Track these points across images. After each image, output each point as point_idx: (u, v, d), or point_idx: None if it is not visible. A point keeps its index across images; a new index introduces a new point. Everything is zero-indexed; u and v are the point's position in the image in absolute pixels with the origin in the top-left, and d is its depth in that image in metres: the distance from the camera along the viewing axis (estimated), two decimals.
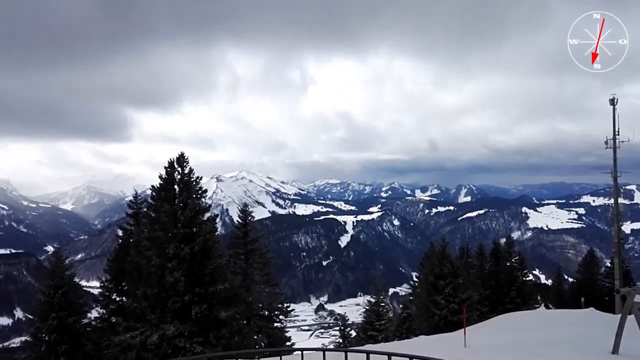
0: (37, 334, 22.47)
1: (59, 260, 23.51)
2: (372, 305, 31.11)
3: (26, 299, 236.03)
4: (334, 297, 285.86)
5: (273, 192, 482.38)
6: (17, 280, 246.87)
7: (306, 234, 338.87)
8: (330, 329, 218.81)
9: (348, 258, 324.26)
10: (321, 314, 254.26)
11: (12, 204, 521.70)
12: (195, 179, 21.43)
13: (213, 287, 19.80)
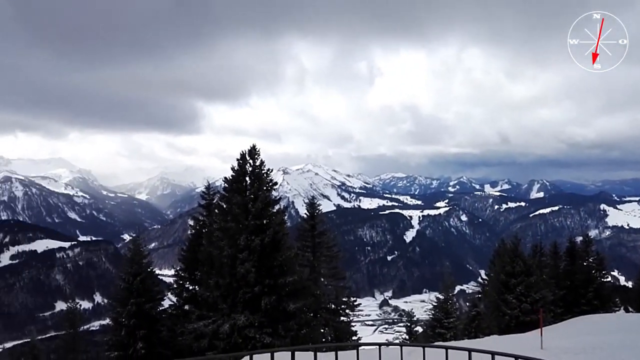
0: (117, 318, 23.59)
1: (137, 249, 24.53)
2: (441, 302, 30.57)
3: (105, 284, 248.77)
4: (398, 292, 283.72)
5: (338, 186, 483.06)
6: (96, 266, 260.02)
7: (371, 228, 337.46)
8: (394, 324, 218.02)
9: (413, 253, 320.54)
10: (385, 309, 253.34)
11: (93, 193, 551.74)
12: (266, 171, 21.70)
13: (282, 279, 20.06)
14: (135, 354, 22.78)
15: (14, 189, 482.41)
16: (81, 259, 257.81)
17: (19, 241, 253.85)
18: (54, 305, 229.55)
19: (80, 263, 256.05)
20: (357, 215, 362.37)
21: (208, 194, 26.66)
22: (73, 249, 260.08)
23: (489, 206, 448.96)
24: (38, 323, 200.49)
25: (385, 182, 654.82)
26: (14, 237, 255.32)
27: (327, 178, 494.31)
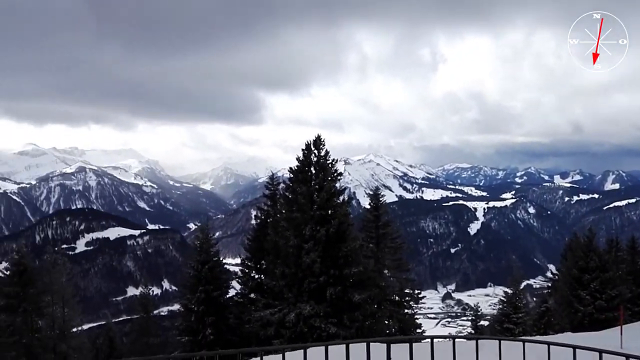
0: (187, 304, 24.63)
1: (205, 238, 25.41)
2: (509, 296, 29.96)
3: (172, 272, 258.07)
4: (461, 286, 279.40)
5: (400, 176, 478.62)
6: (164, 253, 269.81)
7: (434, 220, 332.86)
8: (457, 318, 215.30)
9: (478, 246, 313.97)
10: (448, 302, 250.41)
11: (160, 183, 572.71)
12: (331, 161, 21.88)
13: (347, 270, 20.30)
14: (204, 340, 23.72)
15: (88, 179, 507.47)
16: (150, 247, 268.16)
17: (93, 229, 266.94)
18: (125, 290, 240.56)
19: (149, 250, 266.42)
20: (420, 207, 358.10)
21: (272, 184, 27.18)
22: (142, 237, 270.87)
23: (558, 198, 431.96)
24: (111, 307, 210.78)
25: (448, 172, 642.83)
26: (88, 225, 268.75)
27: (389, 168, 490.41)
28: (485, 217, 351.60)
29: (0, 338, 23.79)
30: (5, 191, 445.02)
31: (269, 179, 27.84)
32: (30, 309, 24.81)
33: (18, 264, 25.00)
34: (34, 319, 25.25)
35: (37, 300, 25.16)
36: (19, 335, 24.61)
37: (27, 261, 25.53)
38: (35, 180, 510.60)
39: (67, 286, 26.91)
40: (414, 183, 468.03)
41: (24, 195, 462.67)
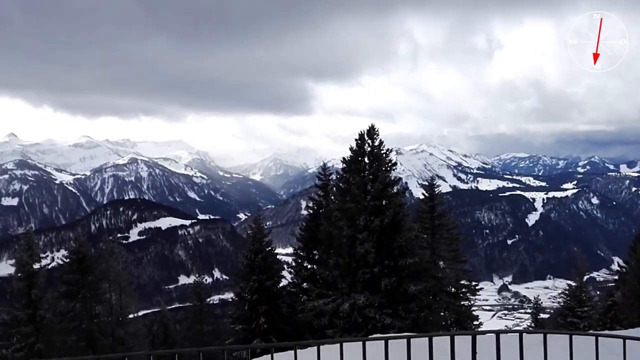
0: (240, 293, 25.17)
1: (259, 227, 25.88)
2: (573, 289, 29.15)
3: (223, 261, 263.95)
4: (519, 278, 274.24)
5: (454, 166, 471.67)
6: (215, 243, 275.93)
7: (489, 211, 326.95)
8: (514, 310, 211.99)
9: (536, 237, 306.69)
10: (504, 294, 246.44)
11: (210, 174, 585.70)
12: (385, 151, 21.86)
13: (402, 261, 20.27)
14: (258, 328, 24.19)
15: (140, 170, 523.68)
16: (201, 236, 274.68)
17: (145, 218, 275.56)
18: (177, 279, 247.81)
19: (200, 240, 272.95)
20: (475, 197, 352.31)
21: (324, 174, 27.34)
22: (193, 227, 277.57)
23: (625, 188, 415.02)
24: (164, 295, 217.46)
25: (505, 162, 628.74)
26: (141, 215, 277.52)
27: (442, 158, 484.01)
28: (545, 208, 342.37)
29: (61, 323, 24.92)
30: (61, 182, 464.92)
31: (320, 169, 28.01)
32: (89, 296, 25.88)
33: (77, 252, 26.08)
34: (92, 305, 26.30)
35: (96, 288, 26.20)
36: (78, 321, 25.73)
37: (86, 249, 26.59)
38: (90, 171, 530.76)
39: (123, 274, 27.96)
40: (468, 173, 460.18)
41: (79, 186, 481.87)
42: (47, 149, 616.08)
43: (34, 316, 23.88)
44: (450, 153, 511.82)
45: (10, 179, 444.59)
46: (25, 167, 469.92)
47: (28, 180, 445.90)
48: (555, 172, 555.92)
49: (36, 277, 24.18)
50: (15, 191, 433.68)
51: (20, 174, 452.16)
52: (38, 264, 25.42)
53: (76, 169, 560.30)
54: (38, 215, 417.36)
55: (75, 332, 25.36)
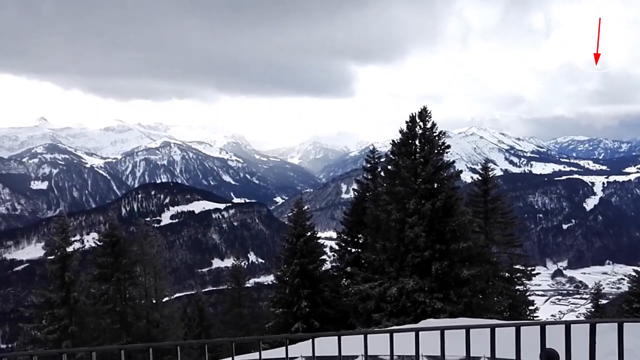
0: (282, 277, 25.45)
1: (300, 211, 26.02)
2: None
3: (258, 245, 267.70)
4: (574, 263, 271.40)
5: (506, 150, 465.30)
6: (250, 227, 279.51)
7: (544, 195, 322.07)
8: (569, 296, 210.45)
9: (595, 222, 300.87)
10: (559, 279, 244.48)
11: (246, 157, 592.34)
12: (438, 133, 21.58)
13: (455, 245, 20.03)
14: (299, 312, 24.41)
15: (173, 154, 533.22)
16: (235, 220, 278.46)
17: (177, 202, 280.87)
18: (211, 262, 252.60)
19: (235, 224, 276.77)
20: (528, 181, 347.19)
21: (373, 157, 27.33)
22: (228, 210, 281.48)
23: None
24: (197, 278, 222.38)
25: (562, 145, 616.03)
26: (173, 199, 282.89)
27: (494, 142, 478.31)
28: (605, 192, 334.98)
29: (95, 306, 25.56)
30: (92, 166, 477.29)
31: (363, 152, 27.86)
32: (122, 279, 26.45)
33: (110, 235, 26.65)
34: (126, 288, 26.87)
35: (130, 270, 26.75)
36: (112, 304, 26.36)
37: (119, 232, 27.13)
38: (121, 155, 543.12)
39: (158, 257, 28.42)
40: (521, 157, 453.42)
41: (109, 169, 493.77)
42: (78, 132, 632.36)
43: (68, 298, 24.54)
44: (502, 136, 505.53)
45: (40, 163, 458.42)
46: (56, 151, 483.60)
47: (58, 164, 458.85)
48: (617, 155, 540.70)
49: (70, 259, 24.80)
50: (45, 175, 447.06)
51: (50, 158, 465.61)
52: (71, 246, 26.06)
53: (107, 152, 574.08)
54: (68, 198, 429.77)
55: (109, 315, 25.97)
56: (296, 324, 24.28)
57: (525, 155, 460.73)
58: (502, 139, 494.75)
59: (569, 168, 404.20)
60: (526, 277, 28.08)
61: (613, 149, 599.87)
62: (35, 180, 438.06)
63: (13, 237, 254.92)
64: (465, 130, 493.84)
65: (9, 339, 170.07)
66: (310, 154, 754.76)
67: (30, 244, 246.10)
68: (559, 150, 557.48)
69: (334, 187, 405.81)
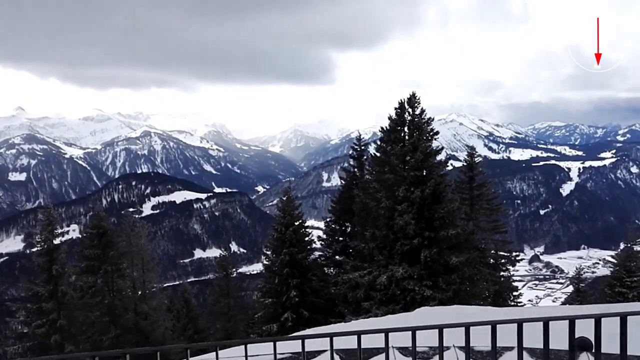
0: (271, 267, 25.41)
1: (289, 200, 25.97)
2: (622, 259, 28.87)
3: (240, 234, 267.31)
4: (551, 248, 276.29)
5: (485, 136, 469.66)
6: (232, 216, 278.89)
7: (522, 181, 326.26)
8: (546, 281, 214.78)
9: (571, 207, 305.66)
10: (536, 265, 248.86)
11: (227, 146, 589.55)
12: (427, 120, 21.62)
13: (444, 232, 20.15)
14: (288, 302, 24.40)
15: (153, 143, 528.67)
16: (217, 210, 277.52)
17: (158, 192, 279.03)
18: (192, 253, 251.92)
19: (217, 214, 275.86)
20: (507, 167, 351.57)
21: (359, 145, 27.29)
22: (209, 200, 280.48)
23: None
24: (179, 269, 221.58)
25: (539, 131, 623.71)
26: (154, 189, 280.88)
27: (473, 128, 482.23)
28: (581, 178, 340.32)
29: (83, 299, 25.33)
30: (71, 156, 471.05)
31: (355, 140, 27.89)
32: (110, 271, 26.21)
33: (97, 227, 26.32)
34: (114, 280, 26.65)
35: (117, 262, 26.50)
36: (101, 296, 26.14)
37: (106, 224, 26.82)
38: (101, 145, 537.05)
39: (145, 248, 28.20)
40: (500, 143, 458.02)
41: (89, 160, 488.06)
42: (56, 122, 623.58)
43: (55, 292, 24.29)
44: (482, 122, 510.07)
45: (18, 154, 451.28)
46: (34, 141, 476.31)
47: (36, 154, 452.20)
48: (593, 141, 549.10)
49: (57, 252, 24.53)
50: (23, 166, 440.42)
51: (28, 149, 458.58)
52: (58, 239, 25.75)
53: (86, 142, 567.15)
54: (47, 190, 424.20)
55: (97, 308, 25.75)
56: (285, 314, 24.28)
57: (504, 141, 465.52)
58: (482, 126, 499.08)
59: (546, 154, 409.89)
60: (510, 263, 28.42)
61: (589, 134, 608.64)
62: (13, 172, 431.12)
63: None
64: (445, 117, 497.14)
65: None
66: (292, 143, 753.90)
67: (9, 237, 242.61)
68: (536, 136, 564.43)
69: (315, 175, 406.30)
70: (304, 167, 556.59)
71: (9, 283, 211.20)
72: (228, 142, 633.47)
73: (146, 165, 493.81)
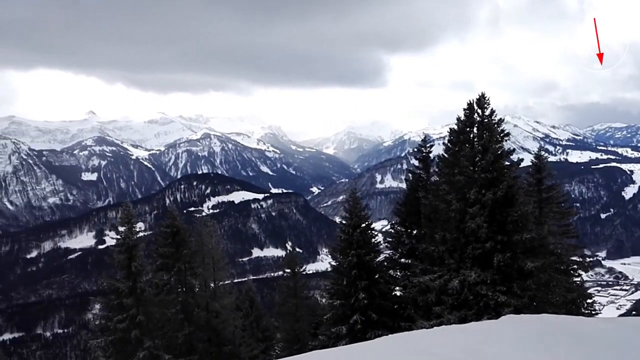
0: (338, 268, 25.27)
1: (355, 201, 25.73)
2: None
3: (296, 234, 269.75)
4: (613, 253, 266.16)
5: (541, 138, 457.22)
6: (288, 217, 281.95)
7: (580, 183, 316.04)
8: (609, 287, 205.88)
9: (634, 211, 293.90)
10: (597, 270, 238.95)
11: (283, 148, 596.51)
12: (497, 121, 21.11)
13: (518, 236, 19.54)
14: (357, 304, 24.19)
15: (213, 145, 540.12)
16: (273, 210, 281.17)
17: (218, 192, 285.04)
18: (250, 251, 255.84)
19: (273, 214, 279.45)
20: (564, 170, 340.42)
21: (425, 146, 26.81)
22: (266, 201, 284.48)
23: None
24: (237, 267, 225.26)
25: (598, 133, 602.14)
26: (214, 189, 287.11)
27: (528, 130, 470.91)
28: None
29: (158, 296, 25.88)
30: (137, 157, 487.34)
31: (421, 141, 27.45)
32: (183, 269, 26.73)
33: (171, 226, 26.88)
34: (186, 278, 27.15)
35: (190, 260, 26.97)
36: (175, 294, 26.69)
37: (180, 223, 27.35)
38: (164, 146, 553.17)
39: (216, 247, 28.64)
40: (557, 145, 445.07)
41: (154, 161, 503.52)
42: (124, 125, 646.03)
43: (135, 288, 24.89)
44: (537, 124, 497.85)
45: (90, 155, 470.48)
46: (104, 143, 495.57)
47: (106, 156, 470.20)
48: None
49: (136, 249, 25.14)
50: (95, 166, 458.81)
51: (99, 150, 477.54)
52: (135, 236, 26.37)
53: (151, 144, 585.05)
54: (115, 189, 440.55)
55: (172, 305, 26.29)
56: (354, 316, 24.08)
57: (561, 143, 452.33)
58: (537, 127, 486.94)
59: (606, 156, 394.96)
60: (583, 268, 27.35)
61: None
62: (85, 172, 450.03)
63: (66, 226, 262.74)
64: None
65: (64, 324, 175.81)
66: (345, 144, 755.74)
67: (82, 233, 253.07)
68: (595, 138, 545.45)
69: (369, 177, 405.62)
70: (357, 168, 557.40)
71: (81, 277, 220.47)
72: (284, 144, 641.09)
73: (206, 166, 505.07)
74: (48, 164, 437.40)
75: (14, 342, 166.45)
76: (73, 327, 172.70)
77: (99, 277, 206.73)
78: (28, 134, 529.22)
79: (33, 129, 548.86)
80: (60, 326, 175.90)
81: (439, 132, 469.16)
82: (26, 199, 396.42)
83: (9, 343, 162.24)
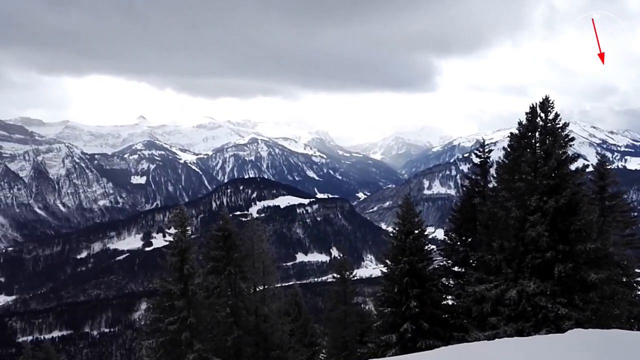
0: (390, 275, 24.95)
1: (409, 207, 25.39)
2: None
3: (340, 240, 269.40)
4: None
5: (598, 144, 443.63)
6: (333, 222, 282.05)
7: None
8: None
9: None
10: None
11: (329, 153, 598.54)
12: (562, 125, 20.45)
13: (581, 246, 18.84)
14: (408, 312, 23.83)
15: (260, 150, 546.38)
16: (319, 215, 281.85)
17: (264, 197, 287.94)
18: (295, 256, 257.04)
19: (318, 219, 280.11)
20: (623, 177, 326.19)
21: (482, 151, 26.26)
22: (312, 206, 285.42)
23: None
24: (281, 272, 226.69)
25: None
26: (260, 193, 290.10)
27: (584, 135, 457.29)
28: None
29: (209, 299, 26.15)
30: (185, 162, 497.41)
31: (479, 146, 26.86)
32: (234, 272, 26.93)
33: (223, 229, 27.14)
34: (237, 282, 27.34)
35: (240, 264, 27.15)
36: (225, 297, 26.91)
37: (231, 226, 27.58)
38: (212, 151, 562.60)
39: (267, 251, 28.74)
40: (615, 151, 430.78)
41: (201, 165, 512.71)
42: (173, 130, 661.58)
43: (186, 291, 25.22)
44: (594, 130, 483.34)
45: (139, 159, 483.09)
46: (153, 147, 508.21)
47: (155, 160, 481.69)
48: None
49: (188, 252, 25.48)
50: (144, 170, 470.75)
51: (148, 154, 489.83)
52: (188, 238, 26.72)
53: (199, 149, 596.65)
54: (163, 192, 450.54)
55: (222, 308, 26.52)
56: (405, 324, 23.72)
57: (619, 149, 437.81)
58: (594, 133, 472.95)
59: None
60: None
61: None
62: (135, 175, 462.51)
63: (115, 228, 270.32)
64: None
65: (111, 324, 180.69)
66: (393, 150, 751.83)
67: (130, 235, 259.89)
68: None
69: (417, 182, 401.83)
70: (404, 174, 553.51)
71: (128, 278, 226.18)
72: (330, 149, 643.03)
73: (253, 170, 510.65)
74: (99, 167, 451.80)
75: (62, 340, 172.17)
76: (119, 327, 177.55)
77: (146, 278, 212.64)
78: (81, 138, 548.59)
79: (86, 133, 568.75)
80: (107, 325, 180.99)
81: (490, 137, 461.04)
82: (78, 201, 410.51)
83: (57, 340, 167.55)
